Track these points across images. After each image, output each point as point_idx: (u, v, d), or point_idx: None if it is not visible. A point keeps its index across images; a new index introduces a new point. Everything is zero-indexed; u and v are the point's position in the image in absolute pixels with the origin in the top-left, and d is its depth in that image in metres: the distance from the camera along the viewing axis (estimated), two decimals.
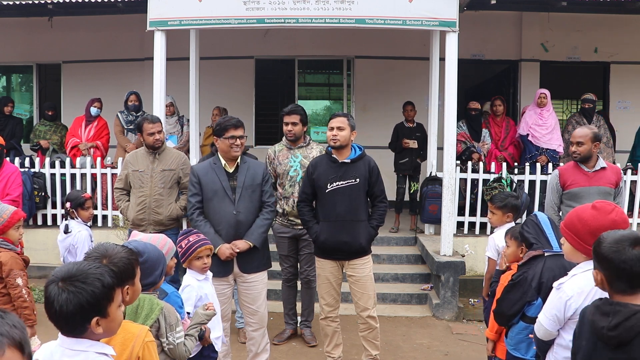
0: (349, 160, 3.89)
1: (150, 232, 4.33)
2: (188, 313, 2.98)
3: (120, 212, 4.79)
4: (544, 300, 2.67)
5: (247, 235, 3.72)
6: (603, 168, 4.21)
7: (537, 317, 2.68)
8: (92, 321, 1.56)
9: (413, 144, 6.98)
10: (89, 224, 4.47)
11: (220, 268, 3.62)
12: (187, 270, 3.14)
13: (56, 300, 1.53)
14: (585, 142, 4.14)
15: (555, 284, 2.25)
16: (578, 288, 2.15)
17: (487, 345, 3.19)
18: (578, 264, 2.28)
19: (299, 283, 4.93)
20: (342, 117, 3.91)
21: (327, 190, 3.88)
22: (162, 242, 2.67)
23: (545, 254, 2.74)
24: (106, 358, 1.63)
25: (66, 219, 4.35)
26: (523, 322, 2.76)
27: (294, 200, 4.56)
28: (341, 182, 3.86)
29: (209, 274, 3.19)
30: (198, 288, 3.06)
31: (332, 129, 3.87)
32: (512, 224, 3.80)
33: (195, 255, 3.08)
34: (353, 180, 3.86)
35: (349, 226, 3.86)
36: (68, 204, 4.34)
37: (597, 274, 1.87)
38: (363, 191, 3.92)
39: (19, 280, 3.30)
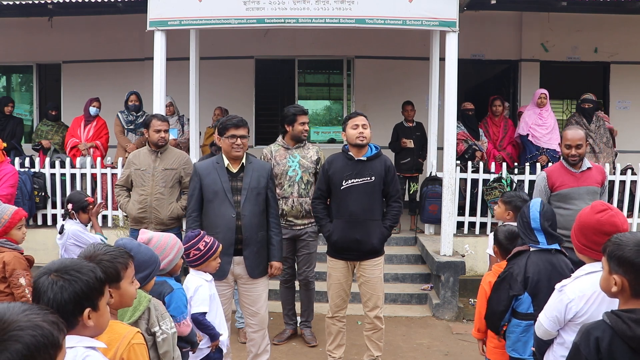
0: (365, 158, 3.87)
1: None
2: (205, 313, 3.00)
3: (120, 207, 4.78)
4: (530, 295, 2.70)
5: (275, 256, 3.79)
6: (589, 168, 4.21)
7: (529, 314, 2.71)
8: (85, 312, 1.56)
9: (410, 143, 7.00)
10: (86, 225, 4.45)
11: (217, 271, 3.58)
12: (192, 271, 3.13)
13: (50, 289, 1.53)
14: (584, 144, 4.15)
15: (557, 286, 2.24)
16: (579, 291, 2.14)
17: (478, 345, 3.22)
18: (572, 260, 2.30)
19: (297, 283, 4.93)
20: (364, 116, 3.92)
21: (342, 188, 3.85)
22: (172, 242, 2.68)
23: (531, 249, 2.75)
24: (95, 352, 1.61)
25: (64, 219, 4.33)
26: (515, 319, 2.77)
27: (293, 201, 4.56)
28: (356, 180, 3.83)
29: (211, 276, 3.20)
30: (209, 288, 3.09)
31: (357, 126, 3.85)
32: (514, 224, 3.83)
33: (215, 256, 3.12)
34: (368, 178, 3.84)
35: (362, 225, 3.84)
36: (70, 205, 4.31)
37: (619, 279, 1.78)
38: (378, 190, 3.89)
39: (22, 280, 3.29)
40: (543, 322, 2.27)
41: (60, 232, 4.19)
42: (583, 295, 2.13)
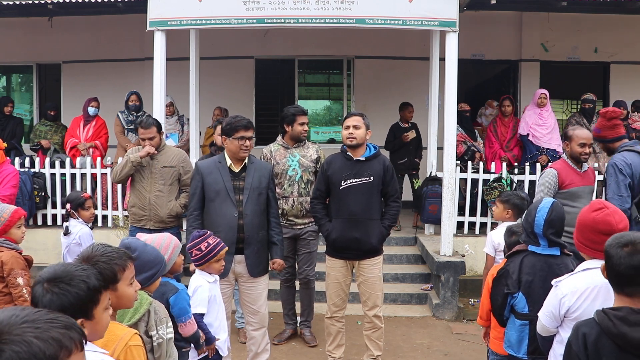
0: (363, 158, 3.88)
1: (150, 229, 4.36)
2: (202, 314, 2.99)
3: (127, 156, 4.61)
4: (524, 295, 2.71)
5: (277, 254, 3.84)
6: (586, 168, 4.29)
7: (524, 313, 2.73)
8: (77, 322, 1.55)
9: (412, 133, 7.03)
10: (89, 224, 4.45)
11: None
12: (197, 271, 3.14)
13: (40, 302, 1.52)
14: (591, 144, 4.17)
15: (554, 282, 2.29)
16: (573, 287, 2.19)
17: (482, 331, 3.27)
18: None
19: (297, 283, 4.93)
20: (358, 116, 3.91)
21: (340, 188, 3.87)
22: (167, 242, 2.68)
23: (529, 249, 2.76)
24: (100, 355, 1.60)
25: (67, 221, 4.33)
26: (513, 317, 2.79)
27: (293, 200, 4.57)
28: (355, 180, 3.84)
29: (217, 276, 3.20)
30: (209, 289, 3.08)
31: (347, 127, 3.86)
32: (513, 222, 3.84)
33: (217, 257, 3.11)
34: (367, 178, 3.85)
35: (361, 224, 3.85)
36: (68, 205, 4.32)
37: (603, 266, 1.89)
38: (377, 190, 3.90)
39: (20, 280, 3.29)
40: (541, 318, 2.32)
41: (65, 234, 4.20)
42: (576, 290, 2.17)
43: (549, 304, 2.27)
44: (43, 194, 6.61)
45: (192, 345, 2.87)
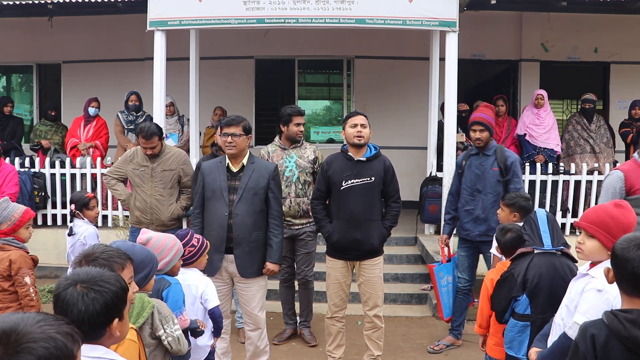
0: (364, 159, 3.87)
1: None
2: (219, 305, 3.06)
3: (119, 198, 4.78)
4: (529, 297, 2.70)
5: (271, 257, 3.75)
6: None
7: (525, 315, 2.71)
8: (114, 322, 1.57)
9: (460, 136, 6.91)
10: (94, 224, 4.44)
11: (208, 267, 3.51)
12: (190, 269, 3.13)
13: (81, 301, 1.52)
14: None
15: (594, 287, 2.13)
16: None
17: (479, 340, 3.24)
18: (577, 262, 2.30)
19: (296, 283, 4.93)
20: (363, 115, 3.91)
21: (341, 188, 3.86)
22: (171, 243, 2.70)
23: (535, 252, 2.75)
24: None
25: (71, 221, 4.31)
26: (513, 319, 2.78)
27: (290, 201, 4.57)
28: (356, 180, 3.83)
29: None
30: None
31: (355, 126, 3.84)
32: (519, 224, 3.82)
33: (207, 250, 3.16)
34: (368, 179, 3.84)
35: (362, 225, 3.84)
36: (72, 206, 4.30)
37: (609, 271, 1.85)
38: (378, 190, 3.89)
39: (27, 279, 3.32)
40: None
41: (70, 234, 4.19)
42: None
43: (600, 310, 2.00)
44: (43, 194, 6.62)
45: (195, 341, 2.88)
